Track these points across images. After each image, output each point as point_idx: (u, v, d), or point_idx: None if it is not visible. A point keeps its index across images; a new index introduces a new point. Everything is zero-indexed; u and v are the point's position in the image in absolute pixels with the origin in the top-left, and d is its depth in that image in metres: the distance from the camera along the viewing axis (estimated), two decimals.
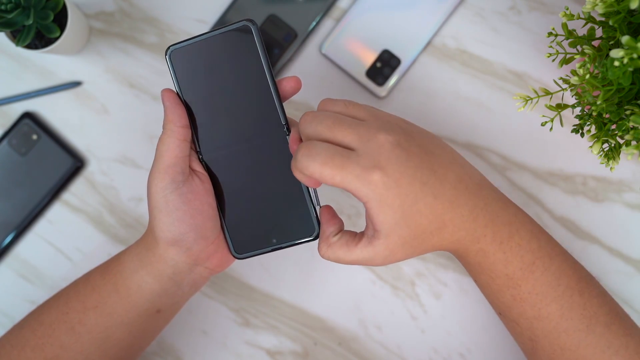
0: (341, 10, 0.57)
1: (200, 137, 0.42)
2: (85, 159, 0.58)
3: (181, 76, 0.41)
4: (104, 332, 0.43)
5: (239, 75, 0.41)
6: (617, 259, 0.54)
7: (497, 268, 0.40)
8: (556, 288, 0.40)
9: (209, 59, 0.41)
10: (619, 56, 0.35)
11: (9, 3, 0.49)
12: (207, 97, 0.41)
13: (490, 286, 0.41)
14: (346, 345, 0.55)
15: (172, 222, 0.40)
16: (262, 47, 0.40)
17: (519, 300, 0.40)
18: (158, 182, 0.39)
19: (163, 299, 0.43)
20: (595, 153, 0.42)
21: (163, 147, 0.40)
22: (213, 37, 0.40)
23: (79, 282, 0.45)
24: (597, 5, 0.38)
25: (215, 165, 0.42)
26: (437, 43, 0.56)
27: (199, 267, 0.42)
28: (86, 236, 0.58)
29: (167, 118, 0.40)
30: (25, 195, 0.58)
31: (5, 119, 0.59)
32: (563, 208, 0.54)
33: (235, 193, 0.42)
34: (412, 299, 0.55)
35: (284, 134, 0.41)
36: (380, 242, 0.37)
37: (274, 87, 0.40)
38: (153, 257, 0.41)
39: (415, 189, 0.36)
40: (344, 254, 0.38)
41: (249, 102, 0.41)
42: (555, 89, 0.53)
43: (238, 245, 0.43)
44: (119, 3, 0.59)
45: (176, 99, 0.41)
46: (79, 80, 0.59)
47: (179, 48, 0.41)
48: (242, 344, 0.56)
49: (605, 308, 0.41)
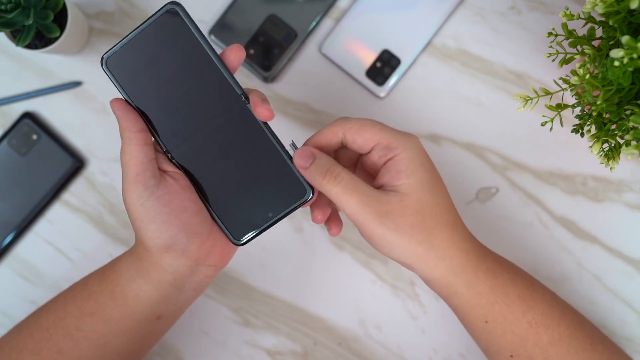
0: (341, 10, 0.57)
1: (163, 136, 0.40)
2: (85, 159, 0.58)
3: (124, 82, 0.39)
4: (101, 339, 0.42)
5: (181, 62, 0.39)
6: (617, 259, 0.54)
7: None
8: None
9: (147, 55, 0.39)
10: (619, 56, 0.35)
11: (9, 3, 0.49)
12: (157, 94, 0.39)
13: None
14: (346, 345, 0.55)
15: (157, 228, 0.38)
16: (194, 26, 0.38)
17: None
18: (131, 193, 0.38)
19: (163, 305, 0.42)
20: (595, 153, 0.42)
21: (126, 157, 0.38)
22: (143, 32, 0.39)
23: (77, 286, 0.45)
24: (597, 5, 0.38)
25: (186, 160, 0.40)
26: (437, 43, 0.56)
27: (201, 266, 0.41)
28: (86, 236, 0.58)
29: (122, 127, 0.39)
30: (25, 195, 0.58)
31: (5, 119, 0.59)
32: (563, 208, 0.54)
33: (216, 180, 0.41)
34: (412, 299, 0.55)
35: (244, 103, 0.39)
36: (396, 195, 0.36)
37: (219, 62, 0.39)
38: (149, 266, 0.40)
39: (439, 176, 0.38)
40: (347, 188, 0.37)
41: (200, 84, 0.39)
42: (555, 89, 0.53)
43: (235, 232, 0.41)
44: (119, 3, 0.59)
45: (126, 106, 0.39)
46: (79, 80, 0.59)
47: (113, 54, 0.39)
48: (242, 344, 0.56)
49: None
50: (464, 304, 0.41)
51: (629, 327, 0.53)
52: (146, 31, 0.39)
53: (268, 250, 0.57)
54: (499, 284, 0.41)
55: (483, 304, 0.40)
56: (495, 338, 0.42)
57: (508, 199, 0.55)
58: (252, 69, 0.57)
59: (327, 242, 0.56)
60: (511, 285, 0.41)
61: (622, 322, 0.53)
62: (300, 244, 0.56)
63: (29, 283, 0.58)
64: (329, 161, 0.38)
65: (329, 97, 0.57)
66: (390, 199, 0.37)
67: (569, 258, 0.54)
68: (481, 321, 0.41)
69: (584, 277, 0.54)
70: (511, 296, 0.41)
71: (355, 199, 0.37)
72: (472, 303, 0.41)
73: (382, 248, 0.38)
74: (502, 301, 0.41)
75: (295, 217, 0.56)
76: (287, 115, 0.57)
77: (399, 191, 0.37)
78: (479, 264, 0.40)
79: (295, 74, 0.57)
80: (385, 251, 0.38)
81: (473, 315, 0.41)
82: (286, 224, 0.56)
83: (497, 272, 0.41)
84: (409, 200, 0.37)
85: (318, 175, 0.38)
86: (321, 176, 0.38)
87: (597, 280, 0.54)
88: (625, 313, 0.53)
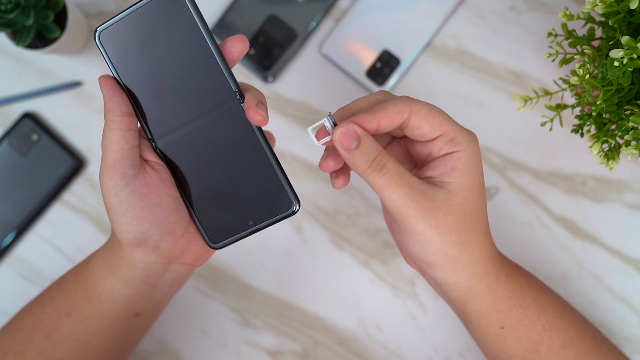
0: (341, 10, 0.57)
1: (150, 122, 0.37)
2: (85, 159, 0.58)
3: (116, 59, 0.37)
4: (81, 339, 0.41)
5: (178, 47, 0.36)
6: (617, 259, 0.54)
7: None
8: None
9: (144, 34, 0.36)
10: (618, 56, 0.35)
11: (9, 3, 0.49)
12: (149, 77, 0.37)
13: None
14: (346, 345, 0.55)
15: (129, 221, 0.36)
16: (196, 11, 0.36)
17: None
18: (107, 181, 0.36)
19: (139, 302, 0.40)
20: (595, 153, 0.42)
21: (107, 142, 0.35)
22: (142, 9, 0.36)
23: (53, 286, 0.44)
24: (597, 5, 0.38)
25: (171, 151, 0.38)
26: (437, 43, 0.56)
27: (174, 264, 0.39)
28: (86, 236, 0.58)
29: (107, 107, 0.36)
30: (25, 195, 0.58)
31: (5, 119, 0.59)
32: (563, 208, 0.54)
33: (199, 177, 0.38)
34: (412, 299, 0.55)
35: (238, 101, 0.37)
36: (444, 192, 0.35)
37: (217, 53, 0.36)
38: (121, 261, 0.38)
39: (484, 180, 0.38)
40: (392, 180, 0.34)
41: (195, 74, 0.37)
42: (555, 89, 0.53)
43: (213, 234, 0.39)
44: (119, 3, 0.59)
45: (114, 85, 0.36)
46: (79, 80, 0.59)
47: (108, 27, 0.36)
48: (242, 344, 0.56)
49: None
50: (482, 308, 0.40)
51: (629, 327, 0.53)
52: (146, 9, 0.36)
53: (268, 250, 0.57)
54: (517, 289, 0.41)
55: (501, 309, 0.40)
56: (509, 344, 0.41)
57: (508, 199, 0.55)
58: (252, 69, 0.57)
59: (327, 242, 0.56)
60: (527, 289, 0.41)
61: (622, 322, 0.53)
62: (300, 244, 0.56)
63: (29, 283, 0.58)
64: (376, 148, 0.34)
65: (329, 97, 0.57)
66: (437, 195, 0.35)
67: (569, 258, 0.54)
68: (497, 327, 0.40)
69: (584, 277, 0.54)
70: (528, 300, 0.41)
71: (400, 192, 0.34)
72: (490, 308, 0.40)
73: (414, 245, 0.36)
74: (520, 305, 0.40)
75: (295, 217, 0.56)
76: (287, 115, 0.57)
77: (447, 189, 0.35)
78: (500, 270, 0.40)
79: (295, 74, 0.57)
80: (416, 249, 0.36)
81: (490, 321, 0.40)
82: (286, 224, 0.56)
83: (515, 277, 0.41)
84: (455, 200, 0.35)
85: (362, 163, 0.34)
86: (366, 164, 0.34)
87: (597, 280, 0.54)
88: (625, 313, 0.53)
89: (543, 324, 0.41)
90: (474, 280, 0.38)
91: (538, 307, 0.41)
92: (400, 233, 0.37)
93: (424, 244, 0.36)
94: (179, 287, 0.42)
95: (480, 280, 0.38)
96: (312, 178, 0.57)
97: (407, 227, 0.35)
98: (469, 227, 0.36)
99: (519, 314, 0.40)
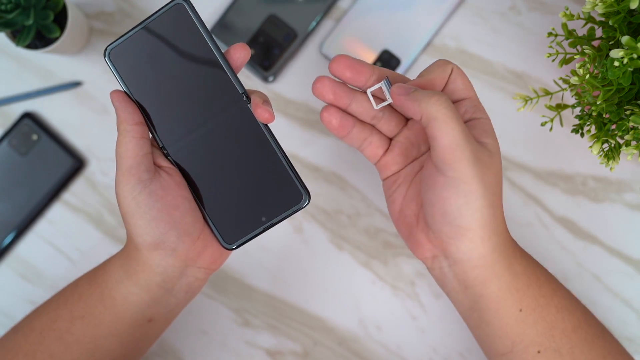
0: (341, 10, 0.57)
1: (160, 132, 0.39)
2: (85, 159, 0.58)
3: (126, 75, 0.39)
4: (92, 343, 0.41)
5: (184, 58, 0.39)
6: (617, 259, 0.54)
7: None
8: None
9: (150, 49, 0.39)
10: (618, 56, 0.35)
11: (9, 3, 0.49)
12: (158, 89, 0.39)
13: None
14: (346, 345, 0.55)
15: (147, 223, 0.37)
16: (200, 22, 0.38)
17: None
18: (124, 186, 0.37)
19: (154, 308, 0.41)
20: (595, 153, 0.42)
21: (121, 149, 0.37)
22: (149, 26, 0.38)
23: (68, 288, 0.44)
24: (597, 5, 0.38)
25: (182, 157, 0.40)
26: (437, 43, 0.56)
27: (191, 268, 0.40)
28: (86, 236, 0.58)
29: (120, 119, 0.38)
30: (25, 195, 0.58)
31: (5, 119, 0.59)
32: (563, 208, 0.54)
33: (211, 179, 0.40)
34: (412, 299, 0.55)
35: (245, 103, 0.39)
36: (487, 150, 0.35)
37: (222, 60, 0.38)
38: (138, 266, 0.39)
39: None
40: (455, 114, 0.34)
41: (202, 81, 0.39)
42: (555, 89, 0.53)
43: (227, 235, 0.40)
44: (119, 3, 0.59)
45: (126, 98, 0.38)
46: (79, 80, 0.59)
47: (117, 46, 0.39)
48: (242, 344, 0.56)
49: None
50: (502, 288, 0.37)
51: (629, 327, 0.53)
52: (152, 25, 0.38)
53: (268, 250, 0.57)
54: (531, 264, 0.39)
55: (519, 286, 0.38)
56: (525, 330, 0.39)
57: (508, 199, 0.55)
58: (252, 69, 0.57)
59: (327, 242, 0.56)
60: (539, 266, 0.40)
61: (622, 321, 0.53)
62: (300, 244, 0.56)
63: (29, 283, 0.58)
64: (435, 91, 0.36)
65: None
66: (483, 149, 0.35)
67: (569, 258, 0.54)
68: (515, 309, 0.38)
69: (584, 277, 0.54)
70: (541, 278, 0.39)
71: (461, 128, 0.34)
72: (510, 287, 0.38)
73: (457, 198, 0.34)
74: (535, 283, 0.39)
75: (295, 217, 0.56)
76: (287, 115, 0.57)
77: (487, 148, 0.35)
78: (515, 244, 0.39)
79: (295, 74, 0.57)
80: (457, 204, 0.34)
81: (509, 303, 0.38)
82: (286, 224, 0.56)
83: (526, 254, 0.40)
84: (495, 159, 0.35)
85: (425, 96, 0.34)
86: (429, 97, 0.34)
87: (597, 280, 0.54)
88: (625, 313, 0.53)
89: (556, 304, 0.39)
90: (496, 254, 0.37)
91: (549, 287, 0.40)
92: (441, 186, 0.35)
93: (469, 197, 0.34)
94: (194, 295, 0.43)
95: (501, 254, 0.37)
96: (312, 178, 0.57)
97: (457, 171, 0.34)
98: (499, 192, 0.36)
99: (535, 293, 0.38)
